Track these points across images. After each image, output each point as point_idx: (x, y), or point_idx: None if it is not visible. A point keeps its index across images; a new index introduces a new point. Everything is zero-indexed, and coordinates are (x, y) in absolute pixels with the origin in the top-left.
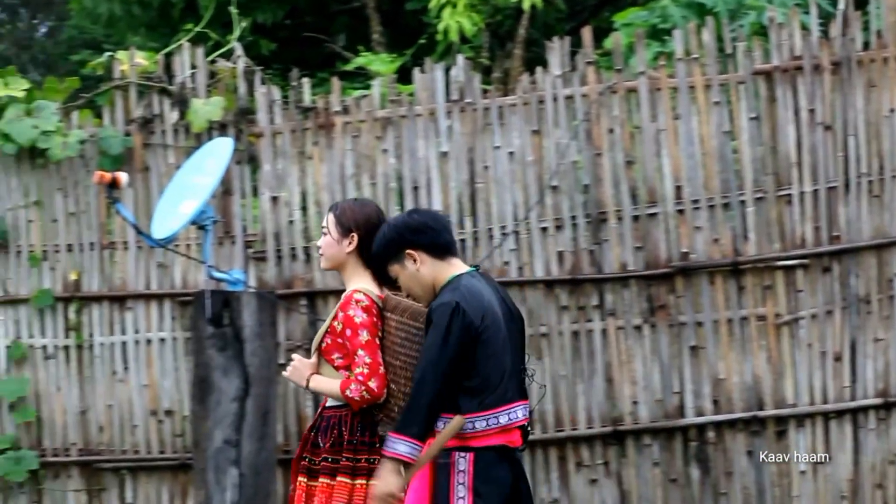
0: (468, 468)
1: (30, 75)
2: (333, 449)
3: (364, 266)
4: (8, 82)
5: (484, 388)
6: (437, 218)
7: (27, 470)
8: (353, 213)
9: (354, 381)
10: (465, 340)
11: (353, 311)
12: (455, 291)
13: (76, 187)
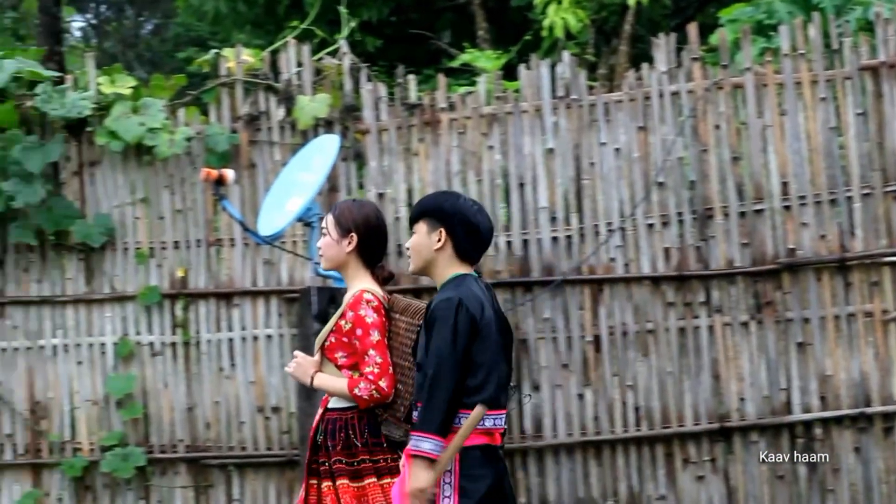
0: (454, 467)
1: (136, 73)
2: (346, 452)
3: (364, 266)
4: (115, 80)
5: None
6: (489, 231)
7: (135, 466)
8: (351, 213)
9: (364, 380)
10: (471, 334)
11: (363, 311)
12: (457, 289)
13: (183, 184)
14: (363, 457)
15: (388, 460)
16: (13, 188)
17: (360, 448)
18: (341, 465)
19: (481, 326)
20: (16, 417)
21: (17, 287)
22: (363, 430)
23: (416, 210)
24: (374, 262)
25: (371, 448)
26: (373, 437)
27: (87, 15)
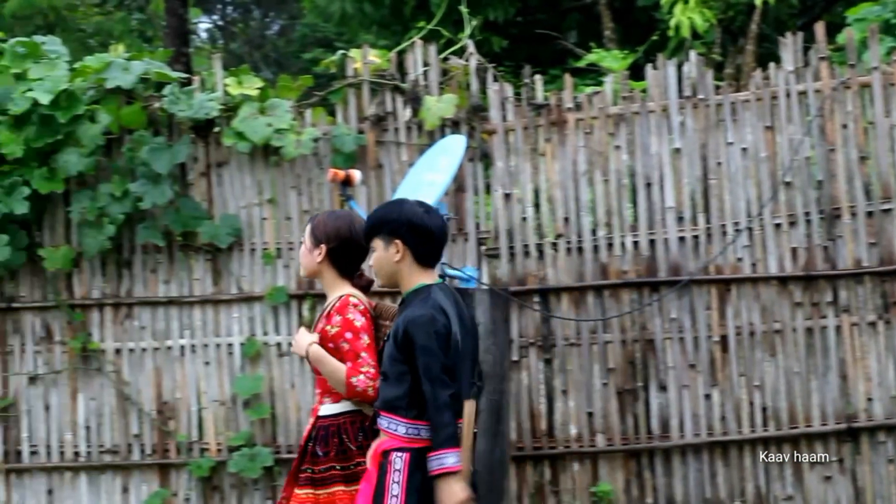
0: (403, 468)
1: (262, 73)
2: (340, 457)
3: (340, 276)
4: (242, 81)
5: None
6: (443, 230)
7: (262, 467)
8: (324, 225)
9: (364, 375)
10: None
11: (351, 315)
12: (425, 304)
13: (310, 185)
14: (359, 460)
15: None
16: (141, 189)
17: (355, 451)
18: (335, 472)
19: (451, 339)
20: (143, 418)
21: (145, 288)
22: (357, 434)
23: (367, 227)
24: (349, 272)
25: (366, 451)
26: (366, 440)
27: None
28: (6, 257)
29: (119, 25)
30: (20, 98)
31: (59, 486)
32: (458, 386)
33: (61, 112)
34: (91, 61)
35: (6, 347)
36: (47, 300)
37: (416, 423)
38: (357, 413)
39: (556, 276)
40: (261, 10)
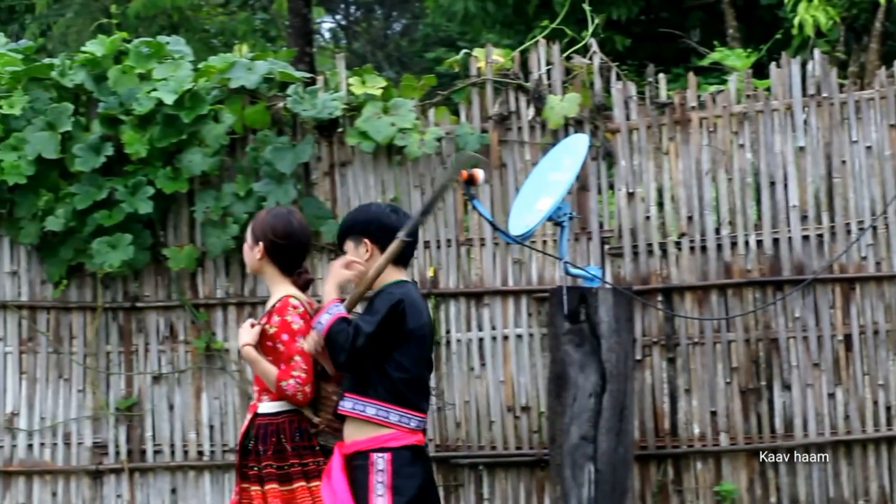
0: (387, 467)
1: (385, 73)
2: (276, 456)
3: (281, 273)
4: (365, 80)
5: (404, 386)
6: (412, 231)
7: None
8: (262, 223)
9: (294, 379)
10: (395, 330)
11: (290, 317)
12: (401, 289)
13: (433, 184)
14: (293, 461)
15: (318, 464)
16: (265, 189)
17: (290, 452)
18: (271, 470)
19: (411, 329)
20: None
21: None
22: (293, 435)
23: (338, 231)
24: (290, 270)
25: (301, 452)
26: (303, 441)
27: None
28: (130, 257)
29: (242, 25)
30: (145, 98)
31: (183, 486)
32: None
33: (185, 112)
34: (215, 61)
35: (131, 347)
36: (171, 300)
37: (385, 405)
38: (295, 412)
39: (680, 275)
40: (384, 10)
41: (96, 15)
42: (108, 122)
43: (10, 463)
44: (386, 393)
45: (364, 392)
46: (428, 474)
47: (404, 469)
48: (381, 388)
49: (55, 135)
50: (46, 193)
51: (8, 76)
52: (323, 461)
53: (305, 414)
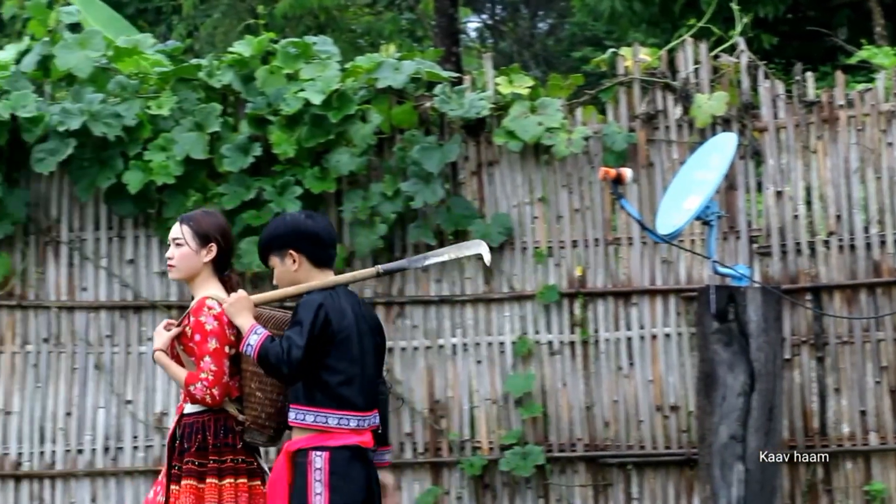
0: (324, 466)
1: (532, 72)
2: (199, 453)
3: (215, 274)
4: (512, 80)
5: (339, 389)
6: (329, 230)
7: (534, 465)
8: (208, 223)
9: (201, 382)
10: (323, 335)
11: (204, 318)
12: (320, 294)
13: (580, 183)
14: (212, 457)
15: (235, 461)
16: (412, 188)
17: (211, 449)
18: (192, 467)
19: (337, 331)
20: (416, 416)
21: (417, 287)
22: (217, 432)
23: (260, 250)
24: (224, 270)
25: (221, 449)
26: (226, 438)
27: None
28: None
29: (389, 25)
30: (292, 98)
31: None
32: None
33: (333, 112)
34: (362, 61)
35: None
36: None
37: (321, 410)
38: (220, 411)
39: (829, 273)
40: (530, 9)
41: (243, 15)
42: (255, 122)
43: (159, 462)
44: (324, 398)
45: (303, 401)
46: (368, 475)
47: (342, 468)
48: (319, 395)
49: (203, 135)
50: (195, 194)
51: (156, 77)
52: (242, 459)
53: (230, 412)
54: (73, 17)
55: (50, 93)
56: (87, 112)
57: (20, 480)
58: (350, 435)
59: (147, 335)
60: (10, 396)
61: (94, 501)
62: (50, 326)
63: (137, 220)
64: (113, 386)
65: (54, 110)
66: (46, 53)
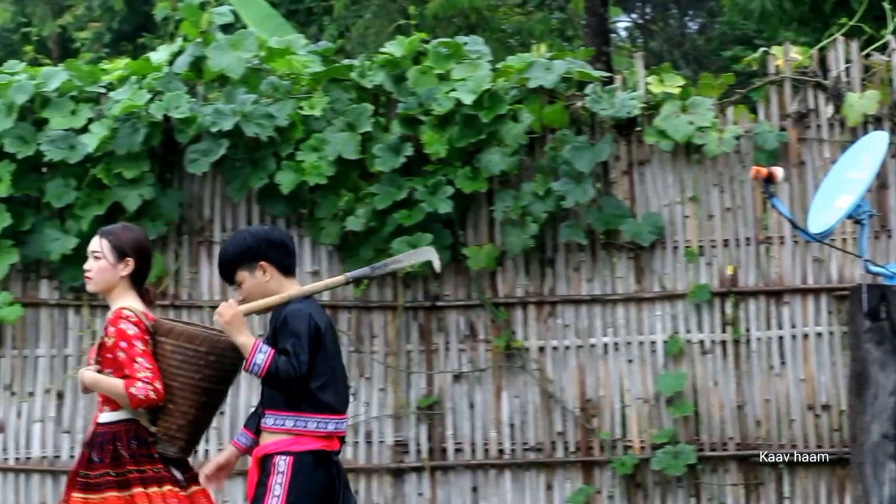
0: (287, 470)
1: (682, 72)
2: (114, 464)
3: (132, 288)
4: (663, 79)
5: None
6: (290, 238)
7: (685, 464)
8: (126, 238)
9: (141, 381)
10: (315, 343)
11: (124, 325)
12: (303, 303)
13: (732, 183)
14: (130, 467)
15: (156, 471)
16: (563, 188)
17: (127, 459)
18: (109, 478)
19: (323, 337)
20: (567, 415)
21: (568, 286)
22: (130, 442)
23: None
24: (142, 284)
25: (138, 459)
26: (140, 448)
27: (632, 15)
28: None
29: (539, 25)
30: (444, 98)
31: (484, 484)
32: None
33: (484, 112)
34: (513, 61)
35: (431, 346)
36: (471, 299)
37: (302, 414)
38: (132, 421)
39: None
40: (680, 8)
41: (394, 16)
42: (407, 122)
43: None
44: (306, 403)
45: (283, 406)
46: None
47: (304, 473)
48: (301, 400)
49: (355, 135)
50: (347, 194)
51: (308, 78)
52: (161, 468)
53: (142, 423)
54: (226, 18)
55: (203, 94)
56: (239, 113)
57: None
58: (316, 441)
59: None
60: None
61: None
62: None
63: (289, 220)
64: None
65: (207, 111)
66: (199, 54)
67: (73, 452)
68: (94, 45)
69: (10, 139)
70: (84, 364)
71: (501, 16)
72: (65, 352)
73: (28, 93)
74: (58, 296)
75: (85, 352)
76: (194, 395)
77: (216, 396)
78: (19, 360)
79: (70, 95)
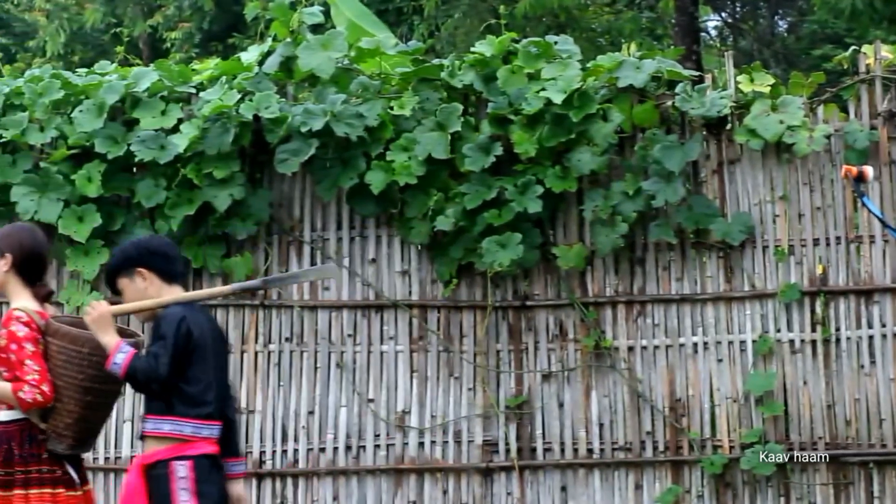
0: (189, 474)
1: (772, 70)
2: (5, 463)
3: (24, 285)
4: (753, 78)
5: (198, 398)
6: (173, 247)
7: (774, 464)
8: (8, 237)
9: (28, 384)
10: (186, 347)
11: (14, 327)
12: (179, 308)
13: (822, 182)
14: (18, 468)
15: (41, 472)
16: (653, 187)
17: (17, 459)
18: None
19: (197, 344)
20: (656, 415)
21: (658, 285)
22: (23, 442)
23: (108, 278)
24: (33, 282)
25: (27, 459)
26: (31, 448)
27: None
28: (520, 256)
29: (629, 24)
30: (533, 98)
31: (573, 483)
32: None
33: (574, 111)
34: (603, 60)
35: (520, 345)
36: (560, 298)
37: (180, 419)
38: (25, 421)
39: None
40: (769, 7)
41: (484, 15)
42: (497, 121)
43: (401, 461)
44: (182, 407)
45: (160, 411)
46: (224, 483)
47: (206, 475)
48: (179, 404)
49: (445, 135)
50: (436, 193)
51: (398, 77)
52: (46, 469)
53: (33, 420)
54: (316, 18)
55: (293, 94)
56: (329, 112)
57: (263, 479)
58: (208, 445)
59: (389, 334)
60: (253, 395)
61: (336, 500)
62: (293, 325)
63: (379, 220)
64: (355, 384)
65: (297, 111)
66: (289, 54)
67: None
68: (185, 46)
69: (101, 139)
70: None
71: (591, 15)
72: None
73: (118, 93)
74: None
75: None
76: (78, 394)
77: (103, 396)
78: None
79: (160, 96)
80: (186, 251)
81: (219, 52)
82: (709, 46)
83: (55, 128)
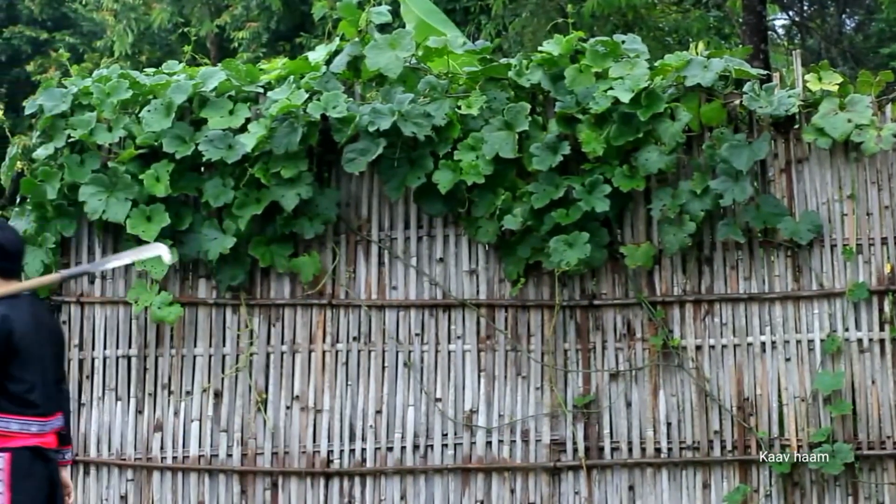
0: (6, 466)
1: (840, 69)
2: None
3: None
4: (821, 77)
5: (22, 395)
6: (14, 242)
7: (843, 463)
8: None
9: None
10: (7, 347)
11: None
12: (3, 305)
13: (890, 180)
14: None
15: None
16: (721, 186)
17: None
18: None
19: (19, 341)
20: (724, 414)
21: (726, 284)
22: None
23: None
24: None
25: None
26: None
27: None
28: (587, 255)
29: (696, 23)
30: (601, 97)
31: (640, 483)
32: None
33: (642, 110)
34: (671, 59)
35: (588, 344)
36: (628, 297)
37: (5, 416)
38: None
39: None
40: (837, 6)
41: (551, 14)
42: (564, 120)
43: (469, 460)
44: (7, 404)
45: None
46: (48, 474)
47: (23, 468)
48: (5, 402)
49: (512, 134)
50: (504, 192)
51: (465, 77)
52: None
53: None
54: (384, 17)
55: (360, 93)
56: (397, 112)
57: (331, 478)
58: (30, 438)
59: (456, 333)
60: (321, 394)
61: (404, 499)
62: (360, 325)
63: (447, 219)
64: (422, 384)
65: (365, 110)
66: (357, 54)
67: (230, 451)
68: (252, 45)
69: (169, 139)
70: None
71: (658, 14)
72: (222, 351)
73: (186, 93)
74: (215, 295)
75: (242, 351)
76: None
77: None
78: (177, 360)
79: (228, 95)
80: (254, 250)
81: (286, 51)
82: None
83: (123, 128)
